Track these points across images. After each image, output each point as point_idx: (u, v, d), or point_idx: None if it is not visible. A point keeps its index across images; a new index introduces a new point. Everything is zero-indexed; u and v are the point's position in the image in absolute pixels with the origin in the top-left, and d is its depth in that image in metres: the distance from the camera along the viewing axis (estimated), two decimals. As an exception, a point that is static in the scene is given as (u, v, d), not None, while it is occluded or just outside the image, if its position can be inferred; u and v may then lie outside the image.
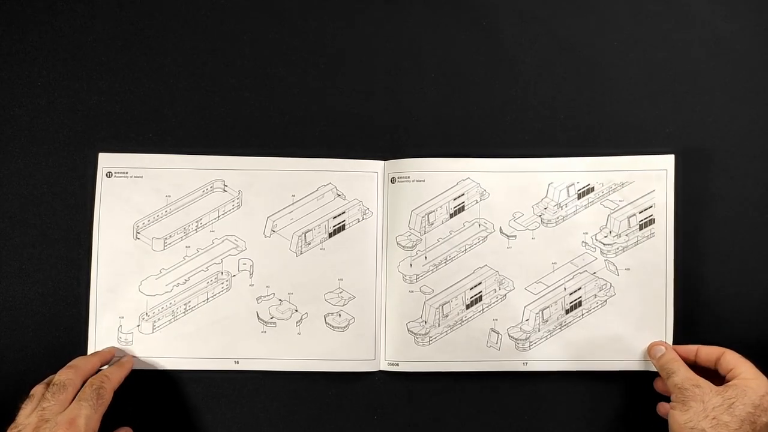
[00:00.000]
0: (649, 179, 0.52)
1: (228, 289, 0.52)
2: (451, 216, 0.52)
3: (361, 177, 0.53)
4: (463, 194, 0.52)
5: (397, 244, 0.52)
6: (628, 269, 0.52)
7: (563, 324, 0.52)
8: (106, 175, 0.52)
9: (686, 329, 0.52)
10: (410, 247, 0.52)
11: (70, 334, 0.51)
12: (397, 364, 0.51)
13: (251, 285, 0.52)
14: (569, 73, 0.55)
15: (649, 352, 0.51)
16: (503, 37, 0.55)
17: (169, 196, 0.52)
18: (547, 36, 0.55)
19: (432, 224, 0.52)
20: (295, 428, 0.52)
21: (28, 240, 0.52)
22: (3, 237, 0.52)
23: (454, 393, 0.52)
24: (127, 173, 0.52)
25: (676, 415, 0.45)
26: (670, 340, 0.52)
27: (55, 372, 0.46)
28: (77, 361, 0.47)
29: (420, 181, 0.52)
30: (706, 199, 0.54)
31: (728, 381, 0.46)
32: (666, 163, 0.52)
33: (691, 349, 0.50)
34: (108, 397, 0.46)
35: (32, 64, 0.53)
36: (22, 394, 0.45)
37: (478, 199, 0.52)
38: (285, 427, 0.52)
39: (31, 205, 0.52)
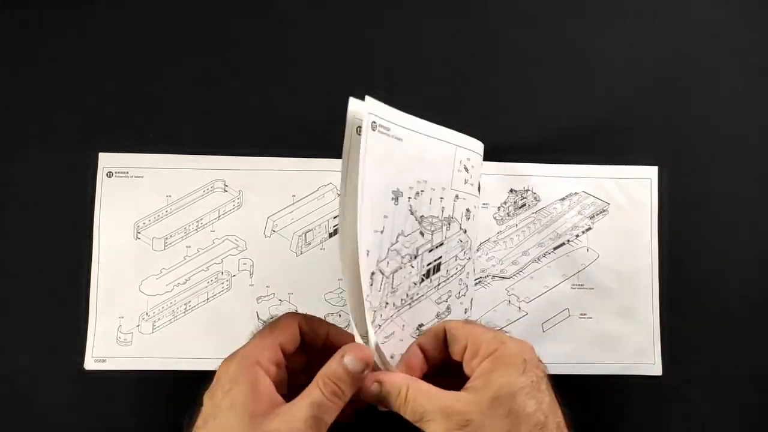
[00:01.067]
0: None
1: (228, 289, 0.52)
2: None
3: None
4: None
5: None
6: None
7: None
8: (107, 174, 0.52)
9: (673, 341, 0.53)
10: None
11: (70, 333, 0.51)
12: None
13: (251, 285, 0.52)
14: (569, 73, 0.55)
15: (365, 395, 0.36)
16: (503, 37, 0.55)
17: (170, 196, 0.52)
18: (547, 36, 0.55)
19: None
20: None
21: (28, 240, 0.51)
22: (3, 237, 0.52)
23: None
24: (127, 173, 0.52)
25: None
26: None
27: (54, 375, 0.46)
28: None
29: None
30: (701, 199, 0.54)
31: (469, 363, 0.36)
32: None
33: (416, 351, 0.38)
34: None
35: (32, 64, 0.53)
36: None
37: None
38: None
39: (31, 205, 0.52)
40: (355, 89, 0.54)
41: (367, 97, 0.37)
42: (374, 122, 0.37)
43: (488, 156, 0.53)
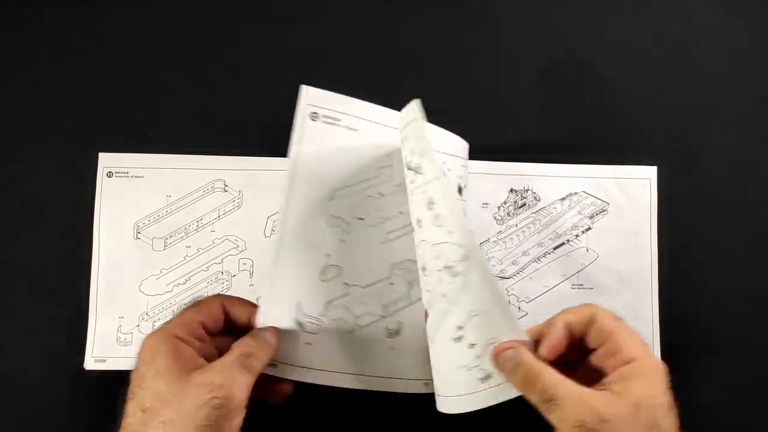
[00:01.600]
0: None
1: (228, 289, 0.52)
2: None
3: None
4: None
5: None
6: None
7: None
8: (107, 175, 0.52)
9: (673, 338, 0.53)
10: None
11: (70, 333, 0.51)
12: None
13: (251, 285, 0.52)
14: (569, 73, 0.55)
15: (497, 360, 0.36)
16: (503, 37, 0.55)
17: (170, 195, 0.52)
18: (547, 36, 0.55)
19: None
20: (296, 428, 0.52)
21: (28, 240, 0.51)
22: (3, 237, 0.52)
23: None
24: (127, 173, 0.52)
25: None
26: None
27: (54, 375, 0.46)
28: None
29: None
30: (700, 199, 0.54)
31: (603, 360, 0.36)
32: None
33: (556, 326, 0.38)
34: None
35: (32, 64, 0.53)
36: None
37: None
38: (285, 426, 0.52)
39: (31, 205, 0.52)
40: (356, 89, 0.54)
41: (302, 87, 0.37)
42: (315, 113, 0.37)
43: (488, 156, 0.53)
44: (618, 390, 0.33)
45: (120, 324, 0.51)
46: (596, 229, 0.53)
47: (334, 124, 0.39)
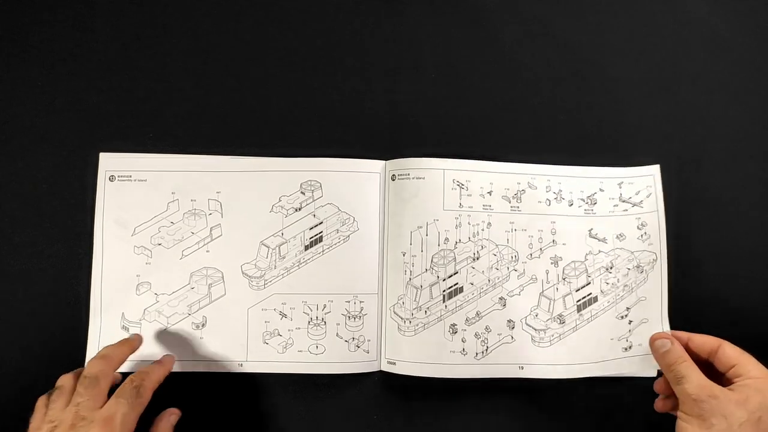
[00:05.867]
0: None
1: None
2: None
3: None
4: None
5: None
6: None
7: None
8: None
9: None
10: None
11: (70, 334, 0.51)
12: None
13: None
14: (569, 73, 0.55)
15: (652, 344, 0.47)
16: (503, 37, 0.55)
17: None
18: (547, 36, 0.55)
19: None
20: (297, 429, 0.52)
21: (28, 240, 0.51)
22: (3, 237, 0.52)
23: (454, 391, 0.52)
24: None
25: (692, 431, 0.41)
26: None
27: (55, 375, 0.46)
28: (107, 351, 0.46)
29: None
30: (703, 198, 0.54)
31: (731, 378, 0.43)
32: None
33: (682, 337, 0.47)
34: (147, 396, 0.43)
35: (32, 64, 0.53)
36: (34, 396, 0.45)
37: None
38: (286, 427, 0.52)
39: (31, 205, 0.52)
40: (357, 89, 0.54)
41: (100, 154, 0.51)
42: (112, 176, 0.51)
43: (490, 156, 0.53)
44: (735, 389, 0.42)
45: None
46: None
47: (127, 180, 0.51)
